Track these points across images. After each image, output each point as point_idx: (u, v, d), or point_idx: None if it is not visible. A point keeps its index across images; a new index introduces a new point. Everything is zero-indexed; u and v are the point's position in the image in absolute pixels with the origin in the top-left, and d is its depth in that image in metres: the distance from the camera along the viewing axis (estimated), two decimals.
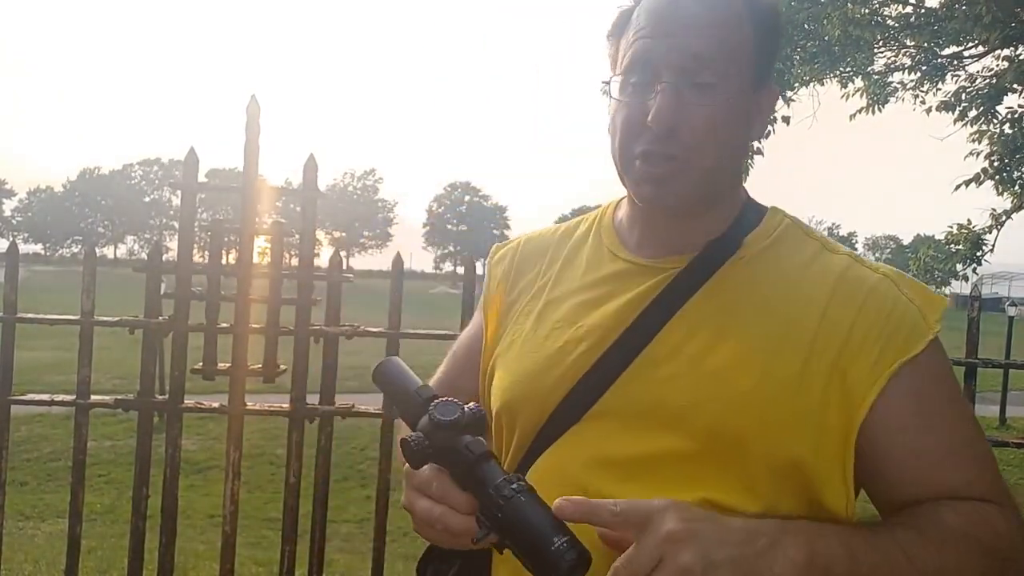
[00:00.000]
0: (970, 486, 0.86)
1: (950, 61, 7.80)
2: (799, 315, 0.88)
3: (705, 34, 0.87)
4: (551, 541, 0.70)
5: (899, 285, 0.90)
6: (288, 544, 2.21)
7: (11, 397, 2.22)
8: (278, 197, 2.47)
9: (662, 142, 0.88)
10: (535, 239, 1.13)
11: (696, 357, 0.88)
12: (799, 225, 0.99)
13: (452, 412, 0.79)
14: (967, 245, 7.42)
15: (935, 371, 0.88)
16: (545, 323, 0.99)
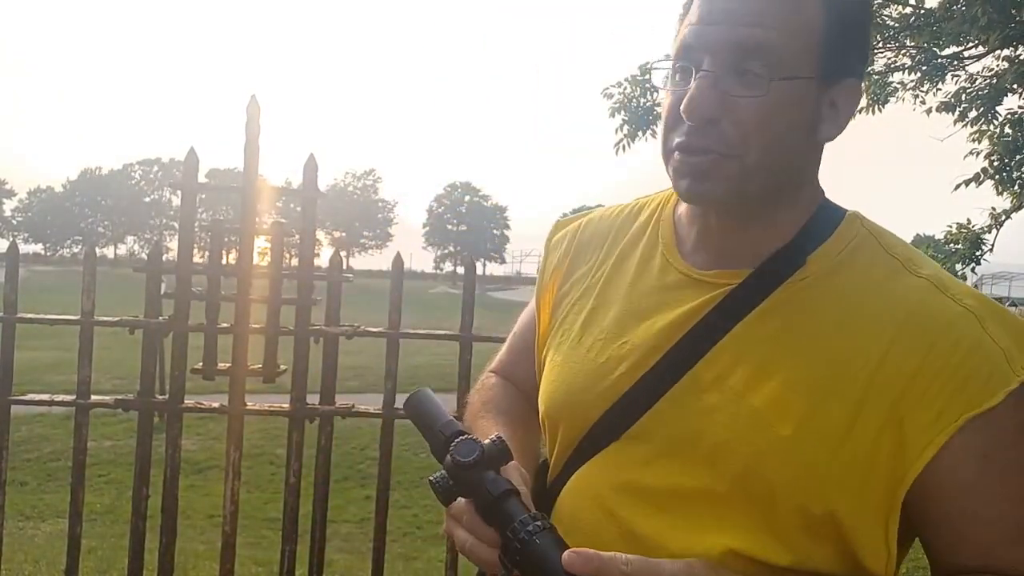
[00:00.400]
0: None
1: (950, 61, 7.80)
2: (857, 353, 0.78)
3: (759, 19, 0.78)
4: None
5: (984, 322, 0.77)
6: (288, 544, 2.21)
7: (11, 397, 2.22)
8: (278, 197, 2.47)
9: (699, 134, 0.80)
10: (597, 221, 1.05)
11: (739, 391, 0.81)
12: (880, 238, 0.86)
13: (471, 452, 0.80)
14: (966, 244, 7.41)
15: (1013, 427, 0.75)
16: (591, 331, 0.94)
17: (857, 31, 0.84)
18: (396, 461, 2.24)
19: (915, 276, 0.82)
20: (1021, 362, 0.76)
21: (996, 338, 0.77)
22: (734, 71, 0.79)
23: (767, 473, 0.78)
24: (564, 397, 0.93)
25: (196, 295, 2.20)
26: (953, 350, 0.76)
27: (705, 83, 0.79)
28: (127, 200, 79.87)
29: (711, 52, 0.79)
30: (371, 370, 10.72)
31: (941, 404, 0.75)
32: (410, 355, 1.53)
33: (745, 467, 0.79)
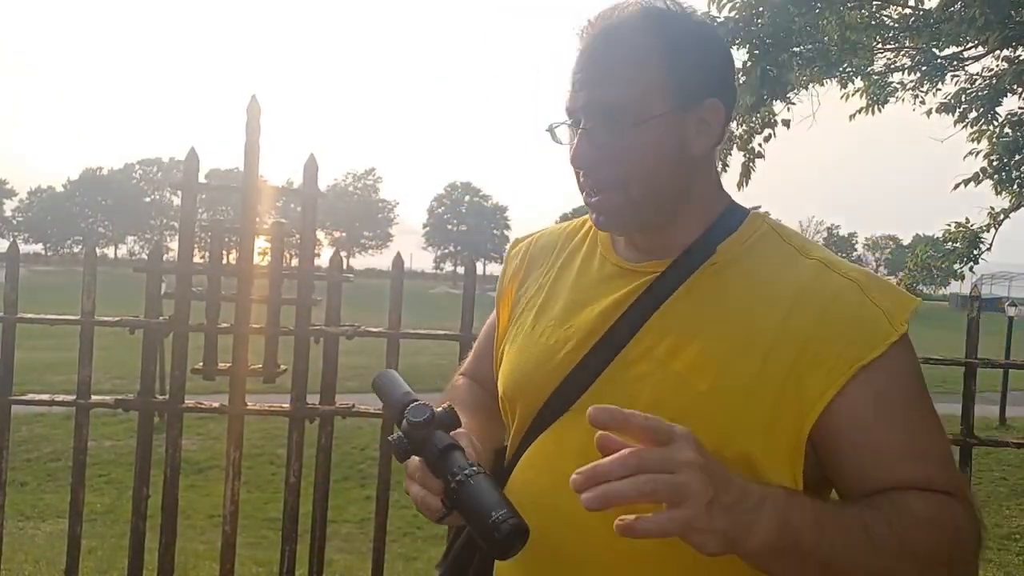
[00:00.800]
0: (930, 481, 0.90)
1: (949, 62, 7.80)
2: (761, 321, 0.93)
3: (614, 80, 0.95)
4: (489, 515, 0.82)
5: (866, 289, 0.94)
6: (288, 544, 2.21)
7: (11, 397, 2.22)
8: (278, 197, 2.47)
9: (591, 179, 0.99)
10: (547, 236, 1.22)
11: (664, 359, 0.96)
12: (778, 231, 1.03)
13: (423, 413, 0.93)
14: (964, 243, 7.40)
15: (898, 371, 0.92)
16: (542, 320, 1.10)
17: (704, 59, 0.99)
18: (396, 461, 2.24)
19: (808, 259, 0.98)
20: (899, 319, 0.92)
21: (877, 302, 0.92)
22: (601, 124, 0.96)
23: (690, 423, 0.87)
24: (519, 376, 1.08)
25: (196, 295, 2.20)
26: (841, 314, 0.92)
27: (582, 139, 0.97)
28: (128, 200, 79.82)
29: (583, 113, 0.97)
30: (371, 370, 10.62)
31: (834, 358, 0.90)
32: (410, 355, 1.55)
33: (672, 420, 0.88)
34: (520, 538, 0.82)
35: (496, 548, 0.82)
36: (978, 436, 2.17)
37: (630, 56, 0.96)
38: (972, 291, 2.22)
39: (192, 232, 2.23)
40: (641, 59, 0.96)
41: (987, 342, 2.58)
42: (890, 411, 0.91)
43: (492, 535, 0.81)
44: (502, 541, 0.81)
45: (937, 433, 0.95)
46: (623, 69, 0.96)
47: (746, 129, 8.30)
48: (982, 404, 9.10)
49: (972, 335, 2.14)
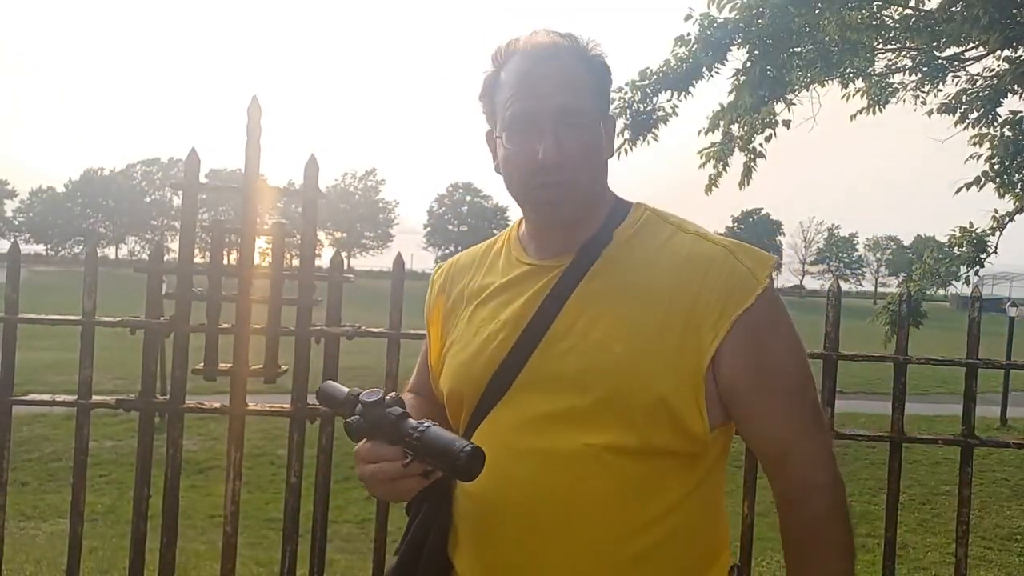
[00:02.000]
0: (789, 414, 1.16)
1: (950, 62, 7.79)
2: (657, 287, 1.15)
3: (565, 88, 1.15)
4: (452, 446, 1.00)
5: (735, 254, 1.16)
6: (289, 544, 2.21)
7: (12, 397, 2.22)
8: (279, 197, 2.46)
9: (554, 173, 1.14)
10: (465, 256, 1.41)
11: (584, 332, 1.15)
12: (658, 214, 1.26)
13: (375, 395, 1.09)
14: (970, 247, 7.40)
15: (767, 314, 1.15)
16: (474, 322, 1.27)
17: (607, 81, 1.23)
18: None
19: (686, 233, 1.21)
20: (762, 275, 1.15)
21: (744, 262, 1.16)
22: (566, 125, 1.14)
23: (612, 381, 1.12)
24: (460, 370, 1.25)
25: (197, 295, 2.20)
26: (719, 274, 1.14)
27: (550, 137, 1.13)
28: (128, 200, 79.80)
29: (545, 116, 1.14)
30: (372, 370, 10.71)
31: (718, 310, 1.12)
32: (411, 355, 1.55)
33: (597, 381, 1.13)
34: (479, 460, 0.99)
35: (463, 471, 0.99)
36: (979, 437, 2.17)
37: (575, 73, 1.17)
38: (973, 292, 2.21)
39: (193, 232, 2.23)
40: (582, 75, 1.18)
41: (988, 343, 2.57)
42: (759, 346, 1.13)
43: (457, 460, 0.98)
44: (467, 462, 0.98)
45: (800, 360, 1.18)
46: (574, 82, 1.16)
47: (747, 129, 8.30)
48: (983, 405, 9.12)
49: (973, 335, 2.14)
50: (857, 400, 11.85)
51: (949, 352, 2.44)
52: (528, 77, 1.16)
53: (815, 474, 1.16)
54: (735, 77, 7.54)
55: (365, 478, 1.09)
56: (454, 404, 1.29)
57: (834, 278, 2.33)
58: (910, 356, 2.17)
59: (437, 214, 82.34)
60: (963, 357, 2.16)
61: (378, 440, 1.07)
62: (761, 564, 5.59)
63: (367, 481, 1.09)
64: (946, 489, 7.84)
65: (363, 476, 1.09)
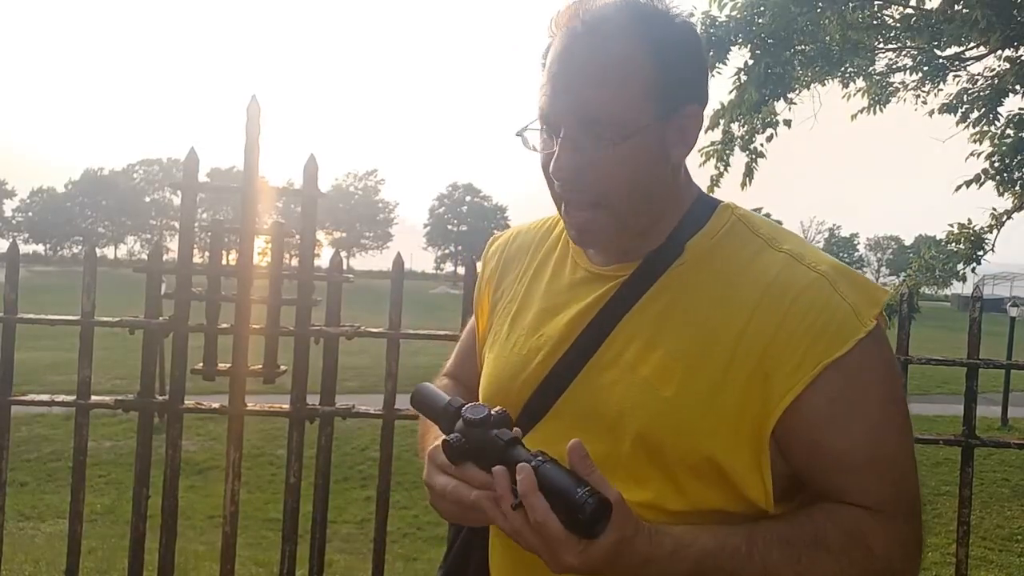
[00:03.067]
0: (865, 494, 0.90)
1: (951, 62, 7.79)
2: (727, 320, 0.92)
3: (598, 86, 0.90)
4: (575, 492, 0.82)
5: (835, 284, 0.91)
6: (288, 545, 2.21)
7: (11, 397, 2.21)
8: (278, 197, 2.46)
9: (572, 189, 0.94)
10: (522, 235, 1.20)
11: (632, 365, 0.95)
12: (747, 221, 1.00)
13: (481, 412, 0.90)
14: (967, 245, 7.41)
15: (863, 371, 0.89)
16: (516, 329, 1.09)
17: (687, 64, 0.95)
18: (396, 462, 2.24)
19: (776, 251, 0.96)
20: (867, 315, 0.89)
21: (845, 296, 0.90)
22: (588, 134, 0.91)
23: (657, 430, 0.92)
24: (495, 387, 1.08)
25: (196, 295, 2.20)
26: (808, 310, 0.89)
27: (566, 147, 0.92)
28: (128, 200, 79.83)
29: (565, 121, 0.92)
30: (371, 370, 10.72)
31: (800, 355, 0.88)
32: (411, 355, 1.54)
33: (639, 427, 0.93)
34: (605, 514, 0.82)
35: (582, 527, 0.82)
36: (980, 437, 2.16)
37: (617, 61, 0.90)
38: (974, 291, 2.21)
39: (192, 232, 2.22)
40: (629, 65, 0.90)
41: (989, 342, 2.57)
42: (845, 414, 0.89)
43: (577, 515, 0.81)
44: (588, 518, 0.81)
45: (887, 442, 0.91)
46: (611, 76, 0.90)
47: (748, 129, 8.30)
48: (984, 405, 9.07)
49: (974, 335, 2.13)
50: None
51: (950, 352, 2.44)
52: (559, 65, 0.92)
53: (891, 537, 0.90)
54: (736, 76, 7.54)
55: (432, 486, 0.92)
56: None
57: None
58: (911, 356, 2.17)
59: (437, 214, 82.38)
60: (964, 357, 2.15)
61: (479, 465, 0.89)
62: None
63: (433, 491, 0.92)
64: (947, 489, 7.84)
65: (430, 483, 0.93)
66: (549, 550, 0.81)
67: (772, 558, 0.86)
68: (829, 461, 0.90)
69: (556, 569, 0.82)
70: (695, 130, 0.97)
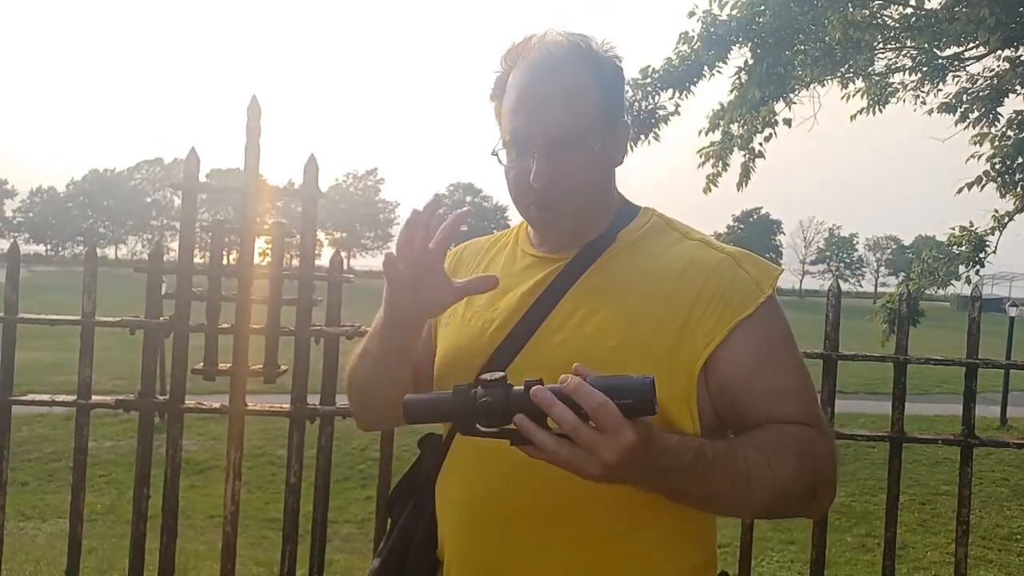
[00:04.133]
0: (798, 416, 1.11)
1: (950, 62, 7.79)
2: (656, 289, 1.13)
3: (562, 108, 1.11)
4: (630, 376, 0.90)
5: (739, 262, 1.15)
6: (289, 544, 2.21)
7: (12, 397, 2.22)
8: (279, 197, 2.47)
9: (545, 195, 1.13)
10: (474, 244, 1.39)
11: (579, 326, 1.14)
12: (666, 220, 1.25)
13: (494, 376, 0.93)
14: (969, 247, 7.41)
15: (768, 325, 1.12)
16: (471, 307, 1.25)
17: (619, 89, 1.20)
18: (396, 462, 2.24)
19: (691, 240, 1.20)
20: (765, 284, 1.13)
21: (747, 271, 1.14)
22: (560, 146, 1.11)
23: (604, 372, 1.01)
24: (453, 354, 1.23)
25: (197, 295, 2.20)
26: (720, 280, 1.12)
27: (542, 161, 1.11)
28: (129, 200, 79.82)
29: (538, 138, 1.11)
30: None
31: (717, 315, 1.10)
32: None
33: None
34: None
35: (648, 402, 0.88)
36: (979, 436, 2.17)
37: (576, 89, 1.12)
38: (973, 291, 2.21)
39: (193, 232, 2.23)
40: (584, 92, 1.13)
41: (988, 342, 2.57)
42: (763, 358, 1.11)
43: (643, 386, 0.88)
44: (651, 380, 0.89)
45: (804, 376, 1.15)
46: (572, 100, 1.12)
47: (746, 129, 8.29)
48: (983, 404, 9.03)
49: (973, 335, 2.14)
50: (857, 400, 11.86)
51: (949, 352, 2.44)
52: (527, 95, 1.13)
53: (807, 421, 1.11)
54: (736, 76, 7.54)
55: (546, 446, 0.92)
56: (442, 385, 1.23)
57: (834, 278, 2.32)
58: (910, 356, 2.17)
59: (438, 214, 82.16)
60: (963, 357, 2.16)
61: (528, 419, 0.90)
62: (761, 564, 5.59)
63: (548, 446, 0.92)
64: (946, 489, 7.84)
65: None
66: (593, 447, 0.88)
67: (751, 457, 1.03)
68: (768, 394, 1.10)
69: (590, 473, 0.90)
70: (627, 139, 1.24)
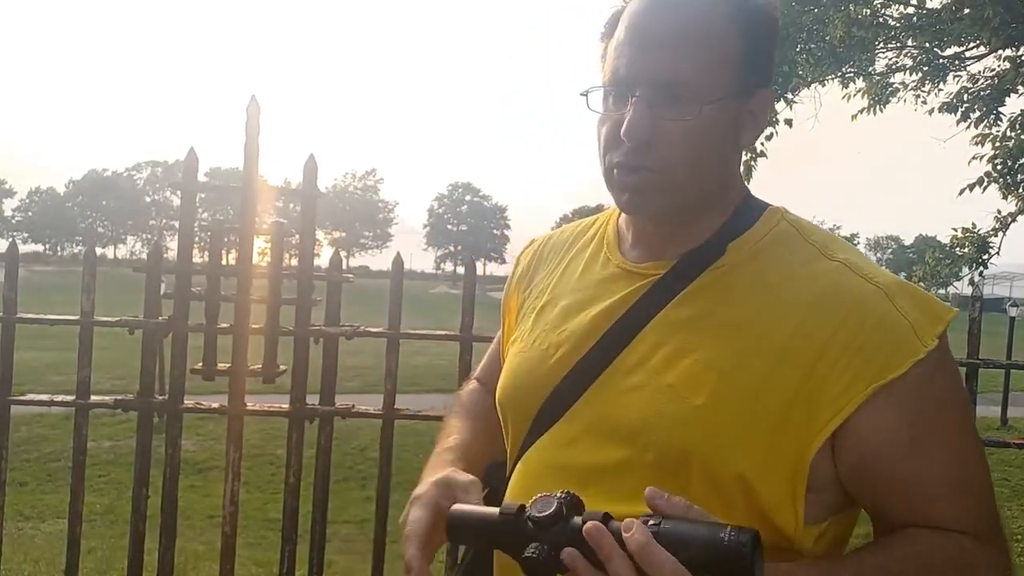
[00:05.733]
0: (957, 521, 0.83)
1: (951, 61, 7.79)
2: (770, 329, 0.84)
3: (681, 50, 0.85)
4: (720, 538, 0.68)
5: (894, 297, 0.83)
6: (288, 545, 2.21)
7: (11, 397, 2.21)
8: (278, 197, 2.47)
9: (636, 154, 0.88)
10: (556, 236, 1.15)
11: (658, 370, 0.88)
12: (799, 227, 0.93)
13: (550, 506, 0.74)
14: (972, 249, 7.40)
15: (926, 390, 0.82)
16: (540, 324, 1.03)
17: (767, 44, 0.92)
18: (396, 462, 2.23)
19: (830, 260, 0.88)
20: (929, 333, 0.82)
21: (904, 312, 0.82)
22: (664, 97, 0.86)
23: (681, 440, 0.84)
24: (512, 384, 1.01)
25: (196, 295, 2.20)
26: (862, 324, 0.81)
27: (641, 109, 0.86)
28: (128, 200, 79.87)
29: (642, 80, 0.86)
30: (371, 370, 10.71)
31: (851, 375, 0.80)
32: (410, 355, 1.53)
33: (663, 437, 0.85)
34: (759, 544, 0.69)
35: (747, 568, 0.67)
36: (979, 437, 2.16)
37: (706, 25, 0.86)
38: (973, 291, 2.21)
39: (192, 232, 2.22)
40: (714, 33, 0.86)
41: (989, 342, 2.57)
42: (916, 435, 0.82)
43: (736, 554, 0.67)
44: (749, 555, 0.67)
45: (974, 462, 0.86)
46: (694, 40, 0.86)
47: None
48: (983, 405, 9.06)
49: (973, 335, 2.13)
50: None
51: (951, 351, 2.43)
52: (640, 28, 0.87)
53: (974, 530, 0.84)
54: None
55: None
56: (503, 419, 1.04)
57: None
58: None
59: (437, 214, 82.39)
60: (963, 357, 2.15)
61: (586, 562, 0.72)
62: None
63: None
64: None
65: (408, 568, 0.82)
66: None
67: None
68: (916, 487, 0.83)
69: None
70: (765, 115, 0.94)
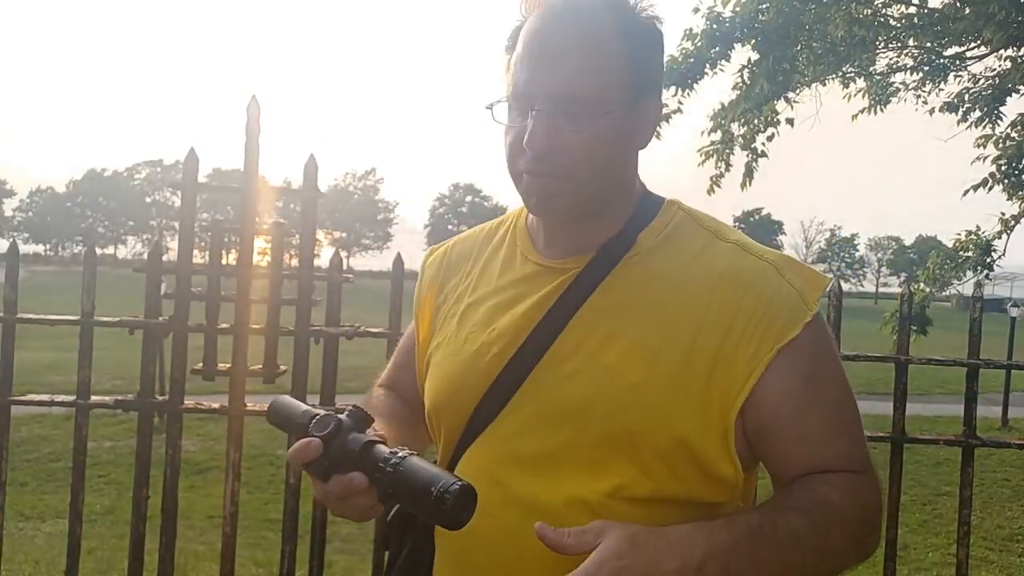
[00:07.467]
0: (848, 460, 0.97)
1: (952, 61, 7.78)
2: (685, 308, 0.96)
3: (575, 65, 0.92)
4: (429, 491, 0.78)
5: (782, 271, 0.97)
6: (288, 545, 2.21)
7: (11, 398, 2.21)
8: (278, 197, 2.47)
9: (540, 162, 0.94)
10: (463, 241, 1.20)
11: (594, 354, 0.96)
12: (693, 216, 1.05)
13: (327, 425, 0.87)
14: (977, 252, 7.38)
15: (813, 352, 0.96)
16: (465, 326, 1.07)
17: (653, 56, 1.00)
18: None
19: (725, 242, 1.01)
20: (812, 299, 0.96)
21: (792, 283, 0.96)
22: (562, 111, 0.93)
23: (624, 416, 0.93)
24: (446, 386, 1.06)
25: (196, 295, 2.19)
26: (760, 296, 0.95)
27: (540, 122, 0.93)
28: (128, 201, 79.90)
29: (540, 95, 0.93)
30: (371, 371, 10.66)
31: (757, 340, 0.93)
32: None
33: (606, 415, 0.94)
34: (469, 502, 0.80)
35: (447, 519, 0.79)
36: (980, 437, 2.16)
37: (597, 41, 0.94)
38: (974, 292, 2.20)
39: (192, 232, 2.22)
40: (605, 47, 0.94)
41: (990, 343, 2.57)
42: (808, 392, 0.96)
43: (440, 508, 0.79)
44: (451, 510, 0.79)
45: (850, 407, 1.00)
46: (589, 55, 0.93)
47: (749, 128, 8.28)
48: (984, 405, 9.07)
49: (974, 336, 2.13)
50: (858, 400, 11.80)
51: (950, 352, 2.43)
52: (536, 44, 0.94)
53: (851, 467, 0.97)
54: (739, 74, 7.52)
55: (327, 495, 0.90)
56: (434, 423, 1.10)
57: (835, 279, 2.32)
58: (911, 356, 2.16)
59: (438, 214, 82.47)
60: (964, 357, 2.15)
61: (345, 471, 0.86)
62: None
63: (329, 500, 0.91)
64: (947, 490, 7.83)
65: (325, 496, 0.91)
66: None
67: (794, 522, 0.90)
68: (811, 436, 0.96)
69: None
70: (655, 121, 1.02)
